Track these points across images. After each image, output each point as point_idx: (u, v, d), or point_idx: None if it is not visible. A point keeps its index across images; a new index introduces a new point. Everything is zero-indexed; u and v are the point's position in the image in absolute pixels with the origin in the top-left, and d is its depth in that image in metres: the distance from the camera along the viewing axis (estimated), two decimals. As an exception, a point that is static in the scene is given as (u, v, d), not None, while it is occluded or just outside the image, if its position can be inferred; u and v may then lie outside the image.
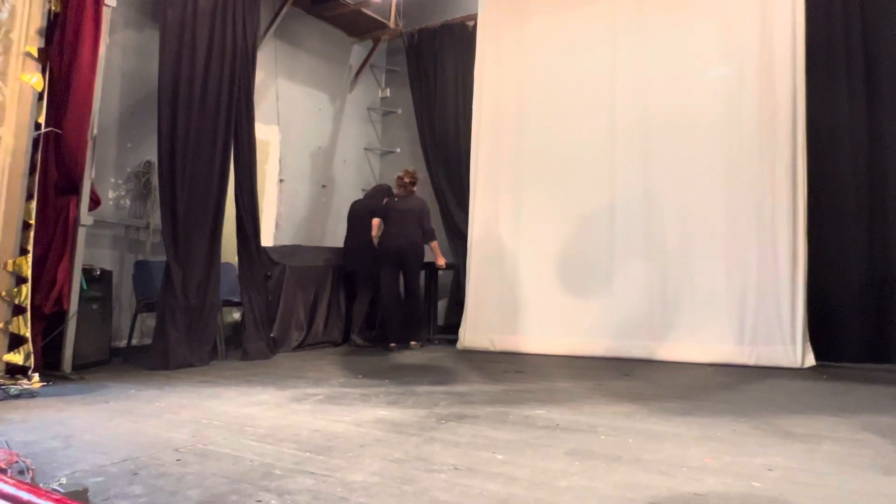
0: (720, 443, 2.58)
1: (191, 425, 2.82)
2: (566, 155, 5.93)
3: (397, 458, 2.31)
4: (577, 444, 2.55)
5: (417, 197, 6.12)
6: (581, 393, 3.79)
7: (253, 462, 2.25)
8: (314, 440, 2.56)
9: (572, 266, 5.75)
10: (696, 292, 5.17)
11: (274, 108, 6.71)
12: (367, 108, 8.09)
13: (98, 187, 5.05)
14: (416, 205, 6.04)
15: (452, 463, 2.25)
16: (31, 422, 2.87)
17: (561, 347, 5.53)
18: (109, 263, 5.11)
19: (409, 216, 5.97)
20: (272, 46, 6.66)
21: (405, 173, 6.12)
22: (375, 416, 3.03)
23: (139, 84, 5.45)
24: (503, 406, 3.31)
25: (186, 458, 2.29)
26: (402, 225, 5.97)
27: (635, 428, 2.83)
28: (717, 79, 5.42)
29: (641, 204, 5.51)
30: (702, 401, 3.58)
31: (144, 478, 2.07)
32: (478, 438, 2.62)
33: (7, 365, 3.91)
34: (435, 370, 4.75)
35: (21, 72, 4.08)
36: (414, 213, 5.99)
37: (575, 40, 6.04)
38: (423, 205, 6.07)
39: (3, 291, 3.94)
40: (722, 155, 5.27)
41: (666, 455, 2.39)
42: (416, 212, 6.00)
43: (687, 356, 5.05)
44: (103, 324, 4.79)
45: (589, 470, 2.20)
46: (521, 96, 6.21)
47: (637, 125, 5.68)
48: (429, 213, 6.10)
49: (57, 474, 2.08)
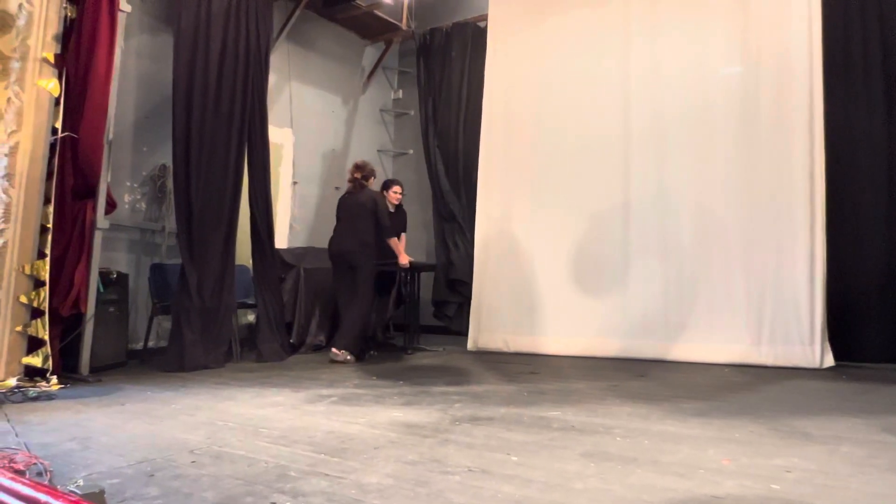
0: (737, 444, 2.55)
1: (206, 427, 2.84)
2: (579, 154, 5.90)
3: (412, 459, 2.31)
4: (592, 445, 2.53)
5: (369, 191, 5.52)
6: (596, 394, 3.77)
7: (268, 464, 2.25)
8: (329, 442, 2.57)
9: (586, 265, 5.72)
10: (712, 292, 5.13)
11: (287, 110, 6.74)
12: (380, 110, 8.11)
13: (114, 191, 5.10)
14: (367, 199, 5.43)
15: (467, 465, 2.24)
16: (50, 424, 2.90)
17: (575, 348, 5.50)
18: (125, 267, 5.15)
19: (360, 213, 5.40)
20: (285, 49, 6.69)
21: (353, 167, 5.60)
22: (390, 418, 3.03)
23: (154, 88, 5.49)
24: (517, 407, 3.30)
25: (202, 460, 2.30)
26: (352, 223, 5.41)
27: (651, 429, 2.80)
28: (731, 77, 5.37)
29: (656, 202, 5.47)
30: (718, 402, 3.54)
31: (160, 479, 2.08)
32: (492, 440, 2.61)
33: (26, 367, 3.97)
34: (449, 371, 4.75)
35: (38, 77, 4.14)
36: (364, 208, 5.40)
37: (588, 39, 6.01)
38: (375, 198, 5.47)
39: (22, 294, 3.99)
40: (738, 154, 5.22)
41: (682, 457, 2.36)
42: (366, 207, 5.40)
43: (703, 356, 5.00)
44: (120, 326, 4.83)
45: (604, 472, 2.18)
46: (533, 96, 6.19)
47: (651, 124, 5.65)
48: (385, 208, 5.56)
49: (74, 476, 2.09)
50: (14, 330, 3.96)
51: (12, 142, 4.03)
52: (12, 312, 3.96)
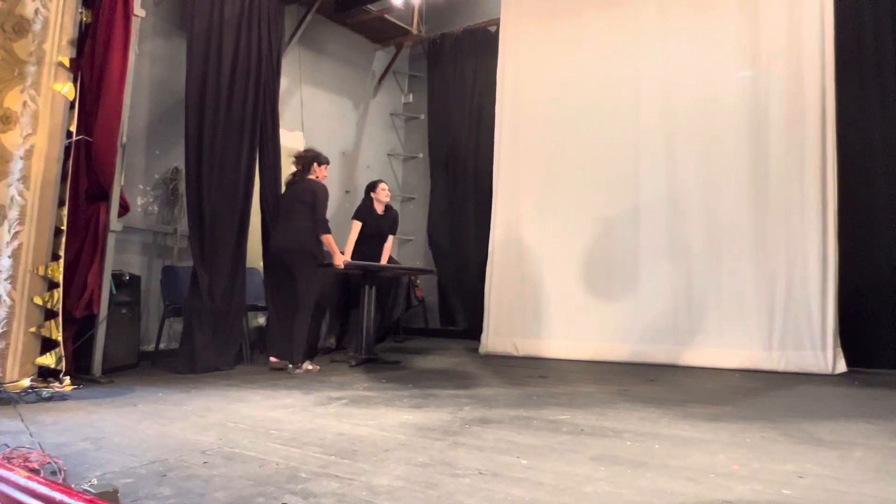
0: (749, 449, 2.54)
1: (217, 428, 2.85)
2: (590, 157, 5.90)
3: (422, 462, 2.32)
4: (602, 449, 2.53)
5: (310, 181, 4.99)
6: (605, 398, 3.76)
7: (279, 465, 2.26)
8: (339, 444, 2.58)
9: (596, 269, 5.71)
10: (723, 296, 5.10)
11: (298, 114, 6.78)
12: (390, 114, 8.14)
13: (127, 194, 5.13)
14: (304, 191, 4.91)
15: (477, 467, 2.24)
16: (63, 424, 2.92)
17: (585, 352, 5.49)
18: (138, 269, 5.20)
19: (298, 207, 4.89)
20: (296, 53, 6.74)
21: (295, 157, 5.15)
22: (399, 421, 3.04)
23: (167, 92, 5.55)
24: (527, 410, 3.29)
25: (213, 461, 2.31)
26: (289, 218, 4.94)
27: (661, 434, 2.79)
28: (743, 80, 5.35)
29: (666, 206, 5.46)
30: (729, 407, 3.53)
31: (173, 479, 2.09)
32: (501, 443, 2.61)
33: (39, 368, 4.00)
34: (458, 375, 4.75)
35: (53, 81, 4.19)
36: (302, 202, 4.89)
37: (598, 43, 6.02)
38: (314, 189, 4.92)
39: (36, 296, 4.03)
40: (749, 156, 5.20)
41: (693, 461, 2.35)
42: (302, 200, 4.89)
43: (713, 361, 4.98)
44: (132, 328, 4.87)
45: (614, 476, 2.18)
46: (544, 99, 6.20)
47: (661, 127, 5.64)
48: (324, 199, 4.98)
49: (88, 475, 2.11)
50: (28, 331, 3.99)
51: (28, 145, 4.07)
52: (26, 313, 3.99)
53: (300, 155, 5.18)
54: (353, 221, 5.73)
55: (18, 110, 4.08)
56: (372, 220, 5.69)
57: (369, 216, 5.70)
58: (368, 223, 5.67)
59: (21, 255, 4.00)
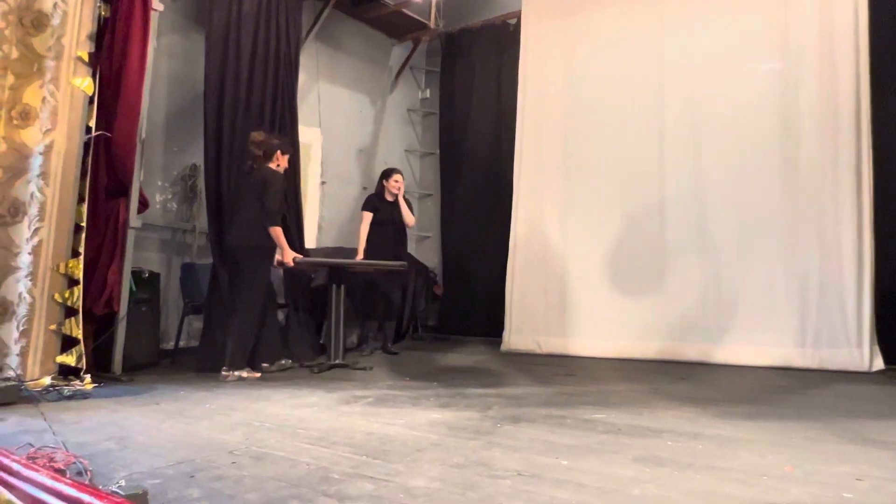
0: (797, 450, 2.43)
1: (243, 427, 2.78)
2: (614, 152, 5.79)
3: (457, 462, 2.23)
4: (642, 449, 2.42)
5: (266, 170, 4.53)
6: (637, 396, 3.65)
7: (310, 465, 2.18)
8: (369, 443, 2.49)
9: (621, 265, 5.60)
10: (754, 292, 4.97)
11: (315, 110, 6.71)
12: (408, 110, 8.05)
13: (145, 191, 5.09)
14: (256, 180, 4.50)
15: (515, 468, 2.15)
16: (85, 423, 2.86)
17: (611, 350, 5.38)
18: (157, 266, 5.15)
19: (249, 198, 4.51)
20: (313, 49, 6.66)
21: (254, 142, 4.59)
22: (428, 419, 2.95)
23: (186, 88, 5.49)
24: (558, 409, 3.20)
25: (242, 461, 2.24)
26: (237, 211, 4.62)
27: (703, 433, 2.68)
28: (772, 73, 5.21)
29: (693, 200, 5.34)
30: (766, 405, 3.41)
31: (201, 480, 2.02)
32: (537, 443, 2.52)
33: (60, 366, 3.96)
34: (482, 373, 4.66)
35: (72, 76, 4.13)
36: (250, 192, 4.51)
37: (621, 35, 5.90)
38: (265, 178, 4.47)
39: (56, 293, 3.98)
40: (779, 150, 5.06)
41: (742, 462, 2.25)
42: (252, 191, 4.49)
43: (744, 359, 4.85)
44: (151, 326, 4.82)
45: (661, 478, 2.08)
46: (566, 94, 6.09)
47: (687, 120, 5.51)
48: (278, 188, 4.51)
49: (115, 476, 2.04)
50: (48, 328, 3.94)
51: (47, 140, 4.01)
52: (47, 311, 3.94)
53: (261, 140, 4.57)
54: (363, 213, 5.67)
55: (38, 106, 4.02)
56: (383, 208, 5.63)
57: (380, 204, 5.64)
58: (380, 210, 5.61)
59: (41, 251, 3.95)
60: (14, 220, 3.96)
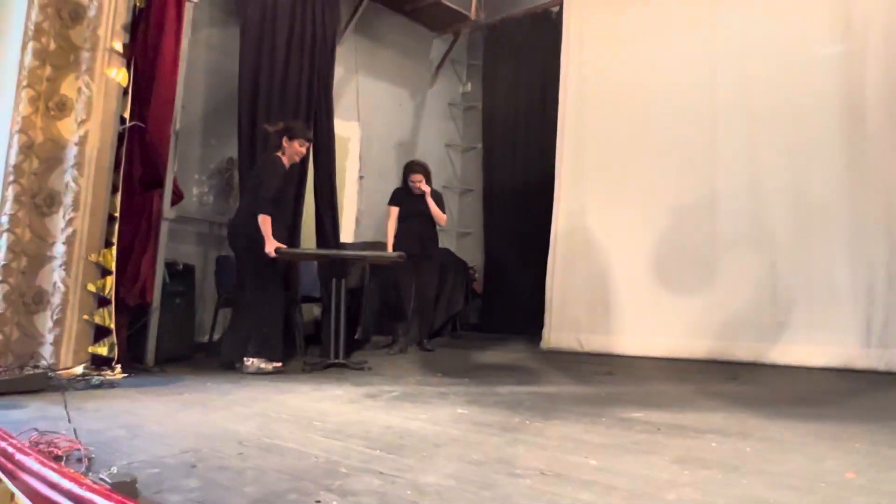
0: (861, 455, 2.16)
1: (259, 418, 2.68)
2: (661, 142, 5.49)
3: (476, 459, 2.05)
4: (683, 450, 2.20)
5: (267, 157, 4.37)
6: (682, 396, 3.40)
7: (318, 458, 2.05)
8: (386, 437, 2.35)
9: (669, 260, 5.30)
10: (813, 287, 4.61)
11: (354, 104, 6.63)
12: (448, 104, 7.90)
13: (182, 184, 5.08)
14: (258, 165, 4.41)
15: (538, 467, 1.96)
16: (104, 411, 2.81)
17: (657, 349, 5.09)
18: (194, 259, 5.13)
19: (250, 183, 4.44)
20: (352, 42, 6.59)
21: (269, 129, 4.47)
22: (453, 415, 2.79)
23: (223, 81, 5.47)
24: (594, 407, 2.98)
25: (249, 452, 2.12)
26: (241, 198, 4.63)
27: (752, 435, 2.43)
28: (834, 55, 4.84)
29: (747, 191, 5.01)
30: (827, 407, 3.12)
31: (202, 471, 1.91)
32: (566, 441, 2.32)
33: (93, 356, 3.96)
34: (518, 370, 4.46)
35: (107, 67, 4.14)
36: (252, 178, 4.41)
37: (669, 19, 5.60)
38: (262, 165, 4.34)
39: (90, 283, 3.99)
40: (843, 137, 4.68)
41: (796, 467, 2.00)
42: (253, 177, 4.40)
43: (802, 359, 4.50)
44: (186, 318, 4.80)
45: (702, 481, 1.86)
46: (610, 81, 5.83)
47: (740, 107, 5.19)
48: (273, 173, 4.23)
49: (115, 463, 1.95)
50: (82, 318, 3.94)
51: (82, 131, 4.02)
52: (80, 301, 3.94)
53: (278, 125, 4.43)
54: (389, 208, 5.52)
55: (74, 97, 4.04)
56: (408, 201, 5.46)
57: (405, 198, 5.48)
58: (405, 204, 5.46)
59: (75, 241, 3.95)
60: (50, 210, 3.98)
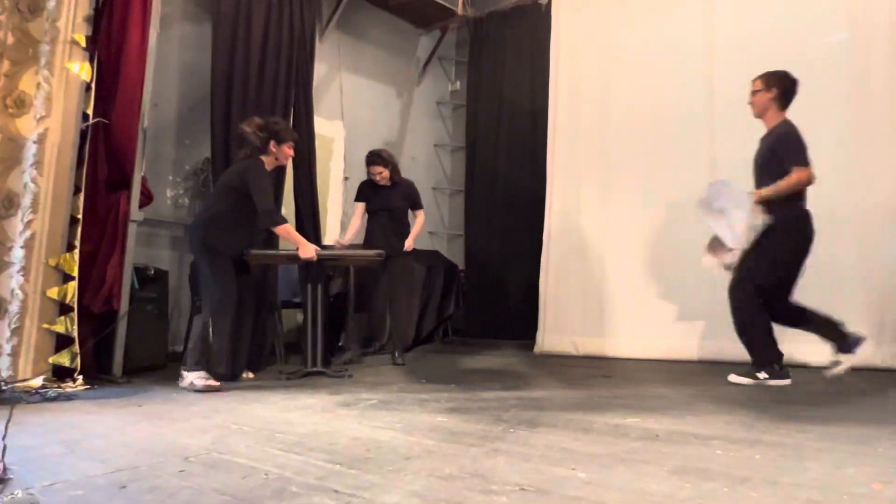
0: (887, 461, 1.91)
1: (216, 431, 2.43)
2: (657, 135, 5.28)
3: (448, 474, 1.80)
4: (684, 459, 1.95)
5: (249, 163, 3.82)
6: (682, 399, 3.15)
7: (268, 476, 1.80)
8: (351, 450, 2.10)
9: (666, 258, 5.06)
10: (820, 283, 4.34)
11: (337, 102, 6.41)
12: (436, 103, 7.69)
13: (156, 185, 4.87)
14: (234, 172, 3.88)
15: (518, 482, 1.72)
16: (50, 425, 2.56)
17: (655, 350, 4.85)
18: (167, 264, 4.90)
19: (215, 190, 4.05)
20: (335, 39, 6.38)
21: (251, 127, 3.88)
22: (431, 423, 2.54)
23: (198, 80, 5.25)
24: (586, 413, 2.73)
25: (192, 469, 1.87)
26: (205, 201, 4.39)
27: (761, 440, 2.18)
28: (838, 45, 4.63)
29: (748, 184, 4.74)
30: (841, 409, 2.87)
31: (131, 492, 1.66)
32: (553, 451, 2.07)
33: (54, 367, 3.71)
34: (507, 375, 4.21)
35: (67, 61, 3.91)
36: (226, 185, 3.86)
37: (665, 9, 5.41)
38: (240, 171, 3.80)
39: (50, 289, 3.74)
40: (848, 129, 4.47)
41: (812, 476, 1.75)
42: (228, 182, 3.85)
43: (810, 357, 4.24)
44: (159, 326, 4.55)
45: (706, 495, 1.61)
46: (603, 72, 5.62)
47: (740, 98, 4.90)
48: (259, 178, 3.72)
49: (35, 484, 1.71)
50: (41, 327, 3.70)
51: (41, 128, 3.79)
52: (40, 308, 3.70)
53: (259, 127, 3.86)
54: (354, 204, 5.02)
55: (32, 93, 3.81)
56: (374, 195, 4.91)
57: (370, 191, 4.93)
58: (371, 199, 4.92)
59: (34, 245, 3.71)
60: (8, 213, 3.75)
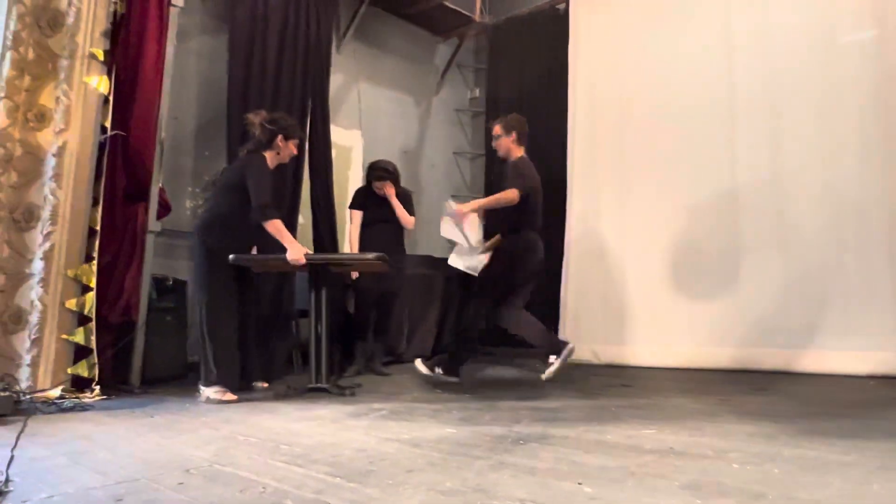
0: (913, 477, 1.81)
1: (222, 442, 2.41)
2: (677, 139, 5.18)
3: (449, 488, 1.75)
4: (698, 473, 1.87)
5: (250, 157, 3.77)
6: (702, 410, 3.05)
7: (266, 489, 1.77)
8: (354, 462, 2.06)
9: (689, 264, 4.95)
10: (848, 288, 4.22)
11: (356, 112, 6.42)
12: (455, 110, 7.66)
13: (175, 197, 4.91)
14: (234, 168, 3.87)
15: (521, 497, 1.66)
16: (60, 436, 2.57)
17: (677, 358, 4.73)
18: (186, 274, 4.91)
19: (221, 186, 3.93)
20: (352, 48, 6.40)
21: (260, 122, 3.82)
22: (440, 435, 2.49)
23: (216, 91, 5.29)
24: (600, 424, 2.66)
25: (191, 482, 1.85)
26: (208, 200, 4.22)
27: (781, 454, 2.09)
28: (864, 42, 4.49)
29: (771, 187, 4.65)
30: (868, 420, 2.75)
31: (126, 505, 1.64)
32: (562, 464, 2.01)
33: (73, 377, 3.74)
34: (524, 384, 4.14)
35: (86, 75, 3.97)
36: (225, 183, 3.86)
37: (684, 10, 5.31)
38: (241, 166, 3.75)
39: (69, 301, 3.78)
40: (875, 127, 4.33)
41: (835, 492, 1.66)
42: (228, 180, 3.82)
43: (837, 367, 4.10)
44: (178, 336, 4.57)
45: (716, 513, 1.53)
46: (621, 76, 5.54)
47: (762, 98, 4.86)
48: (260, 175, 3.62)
49: (32, 497, 1.70)
50: (60, 338, 3.74)
51: (60, 141, 3.84)
52: (59, 319, 3.74)
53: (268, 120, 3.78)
54: (350, 211, 4.92)
55: (52, 107, 3.88)
56: (372, 205, 4.79)
57: (368, 201, 4.82)
58: (369, 208, 4.81)
59: (53, 257, 3.76)
60: (28, 225, 3.80)
